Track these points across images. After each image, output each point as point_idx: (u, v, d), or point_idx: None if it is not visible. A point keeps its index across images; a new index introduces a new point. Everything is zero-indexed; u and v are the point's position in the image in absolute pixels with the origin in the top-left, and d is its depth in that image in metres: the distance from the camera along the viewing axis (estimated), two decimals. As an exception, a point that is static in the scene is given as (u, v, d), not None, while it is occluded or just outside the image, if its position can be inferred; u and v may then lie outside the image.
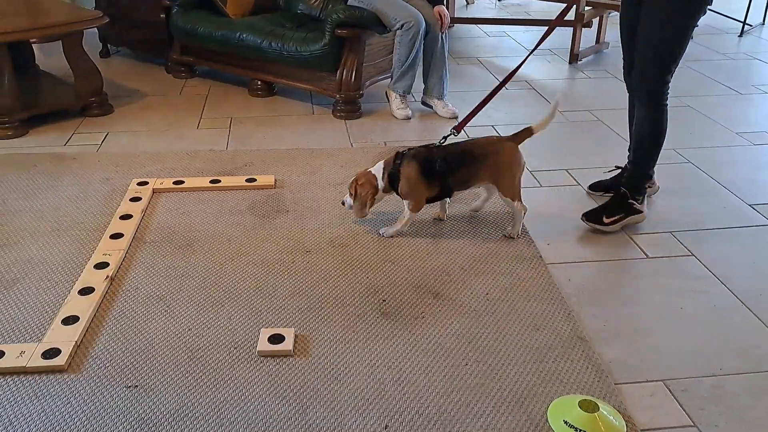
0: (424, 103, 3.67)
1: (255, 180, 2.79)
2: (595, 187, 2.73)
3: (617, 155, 2.85)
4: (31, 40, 3.93)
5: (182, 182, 2.75)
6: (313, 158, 3.04)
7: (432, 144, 2.35)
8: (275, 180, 2.80)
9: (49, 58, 4.23)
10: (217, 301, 2.03)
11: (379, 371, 1.76)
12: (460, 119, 2.86)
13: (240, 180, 2.78)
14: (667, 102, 2.35)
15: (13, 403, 1.62)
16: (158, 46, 4.19)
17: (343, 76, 3.47)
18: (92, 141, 3.17)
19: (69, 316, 1.89)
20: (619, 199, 2.45)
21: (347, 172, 2.87)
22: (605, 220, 2.41)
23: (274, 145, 3.19)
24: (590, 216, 2.45)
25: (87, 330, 1.87)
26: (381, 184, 2.32)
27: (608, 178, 2.72)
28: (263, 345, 1.82)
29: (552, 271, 2.19)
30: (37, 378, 1.70)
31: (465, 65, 4.54)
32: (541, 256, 2.27)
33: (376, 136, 3.31)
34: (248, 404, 1.64)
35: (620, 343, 1.89)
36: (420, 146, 2.36)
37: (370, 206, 2.34)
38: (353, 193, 2.34)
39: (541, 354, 1.82)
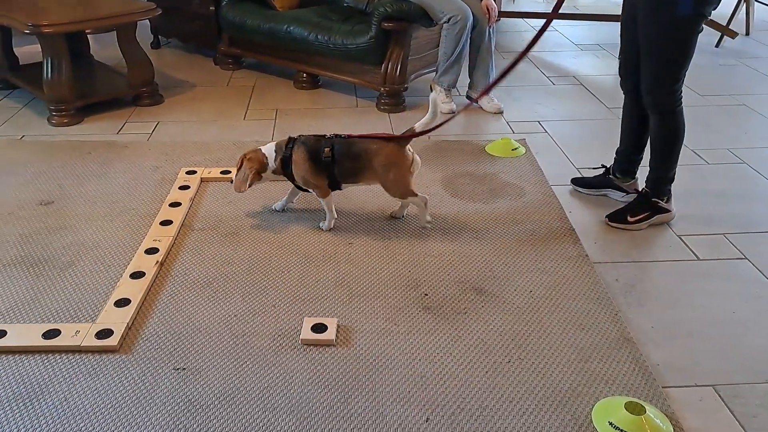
0: (468, 97, 3.64)
1: (300, 171, 2.81)
2: (578, 182, 2.71)
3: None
4: (87, 31, 4.03)
5: (229, 172, 2.79)
6: (357, 151, 3.05)
7: (328, 135, 2.38)
8: (319, 172, 2.82)
9: (104, 48, 4.35)
10: (261, 289, 2.06)
11: (421, 364, 1.76)
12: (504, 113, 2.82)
13: (285, 171, 2.81)
14: (681, 105, 2.28)
15: (68, 380, 1.68)
16: (207, 38, 4.26)
17: (388, 69, 3.47)
18: (143, 130, 3.25)
19: (121, 299, 1.95)
20: (642, 199, 2.43)
21: (391, 166, 2.88)
22: (630, 219, 2.41)
23: (318, 137, 3.21)
24: (614, 217, 2.44)
25: (138, 312, 1.92)
26: (272, 165, 2.34)
27: (593, 175, 2.71)
28: (306, 333, 1.84)
29: (599, 271, 2.16)
30: (90, 357, 1.75)
31: (511, 60, 4.47)
32: (587, 255, 2.24)
33: (420, 130, 3.30)
34: (292, 391, 1.66)
35: (669, 345, 1.85)
36: (314, 135, 2.39)
37: (251, 183, 2.32)
38: (239, 166, 2.35)
39: (586, 354, 1.80)
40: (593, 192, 2.67)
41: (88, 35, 4.09)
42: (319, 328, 1.86)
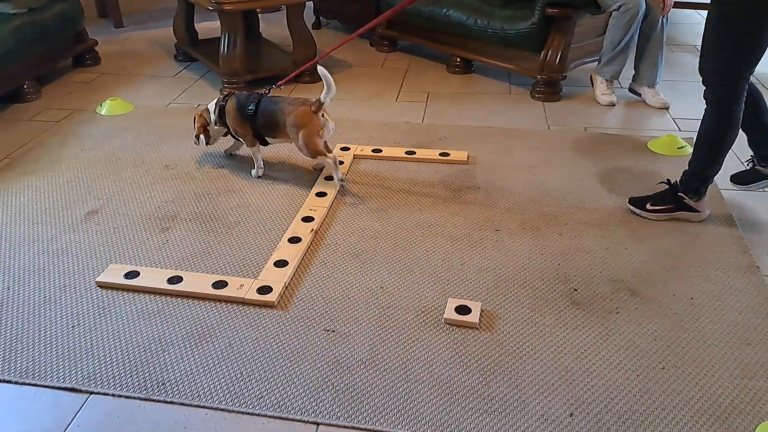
0: (631, 90, 3.46)
1: (448, 155, 2.83)
2: (737, 179, 2.49)
3: None
4: (258, 10, 4.30)
5: (380, 151, 2.87)
6: (507, 138, 3.01)
7: (263, 90, 2.62)
8: (468, 156, 2.82)
9: (270, 26, 4.61)
10: (407, 265, 2.10)
11: (566, 359, 1.72)
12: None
13: (434, 153, 2.84)
14: (737, 107, 2.10)
15: (232, 327, 1.83)
16: (366, 20, 4.34)
17: (547, 57, 3.38)
18: (303, 105, 3.42)
19: (280, 260, 2.08)
20: (669, 191, 2.32)
21: (542, 155, 2.82)
22: (648, 207, 2.33)
23: (468, 121, 3.21)
24: (634, 200, 2.37)
25: (294, 274, 2.04)
26: (213, 117, 2.63)
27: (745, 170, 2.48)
28: (450, 314, 1.86)
29: (770, 284, 1.98)
30: (251, 309, 1.90)
31: (680, 53, 4.19)
32: (758, 267, 2.06)
33: (575, 121, 3.20)
34: (433, 366, 1.69)
35: None
36: (249, 91, 2.71)
37: (203, 135, 2.67)
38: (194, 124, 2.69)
39: (752, 371, 1.66)
40: (755, 186, 2.44)
41: (258, 14, 4.35)
42: (463, 309, 1.87)
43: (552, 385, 1.64)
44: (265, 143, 2.64)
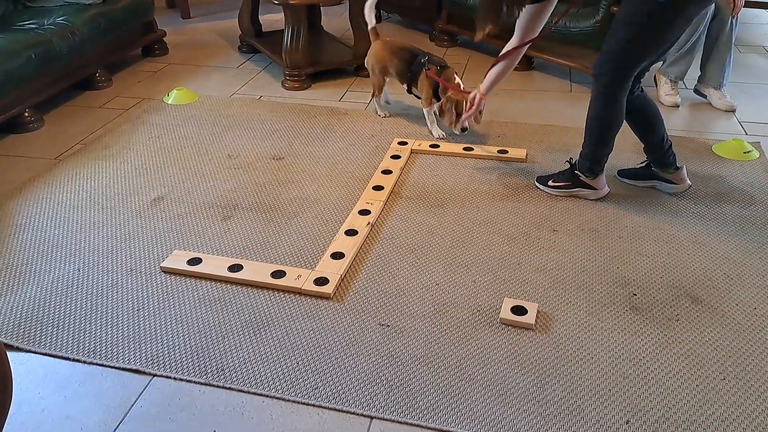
0: (697, 91, 3.35)
1: (507, 152, 2.81)
2: (623, 173, 2.60)
3: None
4: (320, 3, 4.33)
5: (437, 146, 2.87)
6: (567, 136, 2.97)
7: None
8: (527, 154, 2.79)
9: (331, 20, 4.66)
10: (463, 263, 2.10)
11: (623, 365, 1.69)
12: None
13: (492, 150, 2.83)
14: (621, 98, 2.23)
15: (289, 317, 1.87)
16: (426, 15, 4.37)
17: (611, 56, 3.30)
18: (362, 99, 3.45)
19: (336, 252, 2.12)
20: (569, 169, 2.47)
21: (604, 156, 2.76)
22: (550, 183, 2.50)
23: (527, 119, 3.18)
24: (541, 178, 2.55)
25: (350, 266, 2.07)
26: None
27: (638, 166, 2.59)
28: (506, 313, 1.85)
29: (844, 299, 1.90)
30: (308, 300, 1.94)
31: (748, 53, 4.03)
32: (830, 279, 1.98)
33: (638, 122, 3.11)
34: (488, 366, 1.69)
35: None
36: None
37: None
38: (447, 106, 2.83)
39: (820, 388, 1.60)
40: (640, 183, 2.55)
41: (320, 7, 4.40)
42: (519, 310, 1.86)
43: (609, 391, 1.61)
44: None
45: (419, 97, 3.02)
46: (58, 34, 3.23)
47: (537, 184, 2.53)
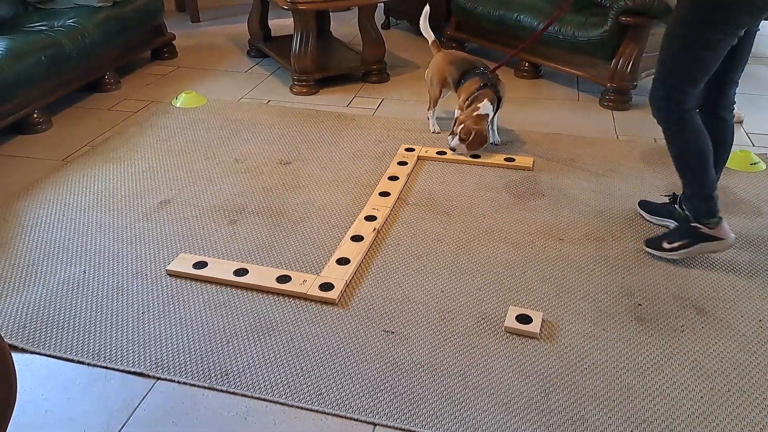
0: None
1: (513, 160, 2.81)
2: (644, 206, 2.42)
3: None
4: (330, 9, 4.35)
5: (444, 153, 2.87)
6: (574, 145, 2.97)
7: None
8: (533, 162, 2.79)
9: (340, 25, 4.67)
10: (468, 270, 2.10)
11: (628, 376, 1.69)
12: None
13: (499, 158, 2.83)
14: (686, 119, 1.99)
15: (294, 322, 1.87)
16: (435, 22, 4.34)
17: (618, 65, 3.30)
18: (369, 105, 3.46)
19: (342, 258, 2.12)
20: (682, 224, 2.15)
21: (609, 165, 2.77)
22: (665, 246, 2.14)
23: (535, 127, 3.17)
24: (650, 242, 2.19)
25: (355, 272, 2.08)
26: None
27: (660, 202, 2.40)
28: (511, 322, 1.85)
29: None
30: (313, 305, 1.94)
31: (755, 65, 4.02)
32: (838, 293, 1.97)
33: (644, 131, 3.11)
34: (492, 375, 1.69)
35: None
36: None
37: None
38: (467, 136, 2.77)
39: (827, 402, 1.59)
40: (655, 220, 2.37)
41: (330, 13, 4.42)
42: (523, 318, 1.86)
43: (613, 402, 1.61)
44: None
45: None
46: (68, 37, 3.25)
47: (648, 249, 2.18)
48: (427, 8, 3.10)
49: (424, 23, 3.10)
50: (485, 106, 2.75)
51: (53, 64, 3.14)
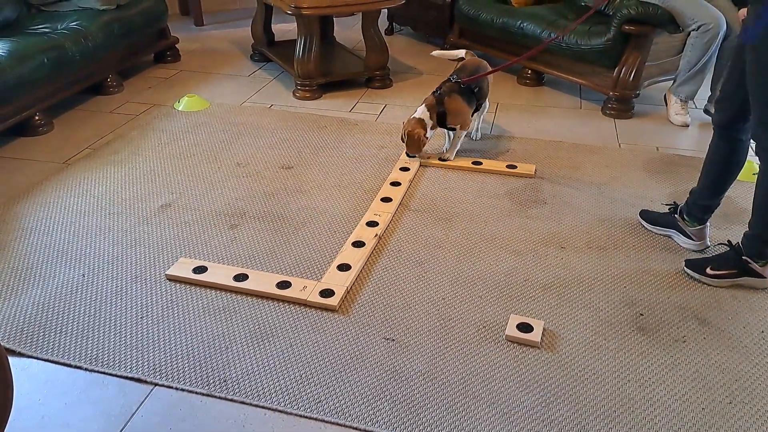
0: (707, 111, 3.33)
1: (515, 167, 2.80)
2: (644, 215, 2.41)
3: None
4: (334, 15, 4.36)
5: (447, 160, 2.86)
6: (576, 153, 2.96)
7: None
8: (535, 169, 2.79)
9: (344, 30, 4.68)
10: (469, 278, 2.09)
11: (629, 386, 1.67)
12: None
13: (501, 165, 2.82)
14: None
15: (294, 329, 1.86)
16: (439, 28, 4.39)
17: (621, 74, 3.30)
18: (372, 110, 3.45)
19: (343, 264, 2.11)
20: (732, 253, 2.09)
21: (611, 173, 2.76)
22: (708, 272, 2.09)
23: (537, 134, 3.17)
24: (692, 264, 2.14)
25: (356, 279, 2.07)
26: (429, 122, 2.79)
27: (661, 212, 2.39)
28: (512, 330, 1.84)
29: None
30: (313, 312, 1.93)
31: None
32: (841, 305, 1.96)
33: (647, 140, 3.11)
34: (492, 384, 1.68)
35: None
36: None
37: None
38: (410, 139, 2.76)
39: (830, 415, 1.58)
40: (656, 230, 2.36)
41: (333, 18, 4.42)
42: (524, 327, 1.85)
43: (614, 412, 1.60)
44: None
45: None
46: (71, 39, 3.26)
47: (688, 271, 2.12)
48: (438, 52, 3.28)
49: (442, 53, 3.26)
50: (420, 111, 2.76)
51: (56, 66, 3.14)
